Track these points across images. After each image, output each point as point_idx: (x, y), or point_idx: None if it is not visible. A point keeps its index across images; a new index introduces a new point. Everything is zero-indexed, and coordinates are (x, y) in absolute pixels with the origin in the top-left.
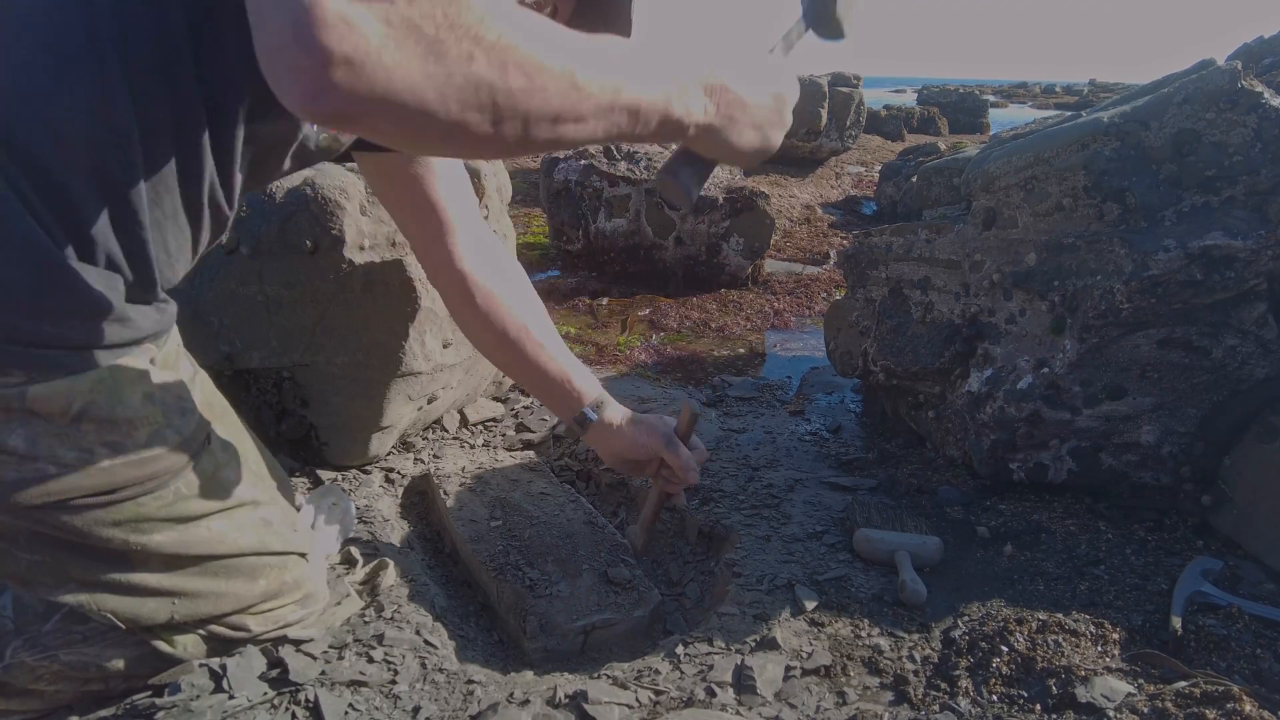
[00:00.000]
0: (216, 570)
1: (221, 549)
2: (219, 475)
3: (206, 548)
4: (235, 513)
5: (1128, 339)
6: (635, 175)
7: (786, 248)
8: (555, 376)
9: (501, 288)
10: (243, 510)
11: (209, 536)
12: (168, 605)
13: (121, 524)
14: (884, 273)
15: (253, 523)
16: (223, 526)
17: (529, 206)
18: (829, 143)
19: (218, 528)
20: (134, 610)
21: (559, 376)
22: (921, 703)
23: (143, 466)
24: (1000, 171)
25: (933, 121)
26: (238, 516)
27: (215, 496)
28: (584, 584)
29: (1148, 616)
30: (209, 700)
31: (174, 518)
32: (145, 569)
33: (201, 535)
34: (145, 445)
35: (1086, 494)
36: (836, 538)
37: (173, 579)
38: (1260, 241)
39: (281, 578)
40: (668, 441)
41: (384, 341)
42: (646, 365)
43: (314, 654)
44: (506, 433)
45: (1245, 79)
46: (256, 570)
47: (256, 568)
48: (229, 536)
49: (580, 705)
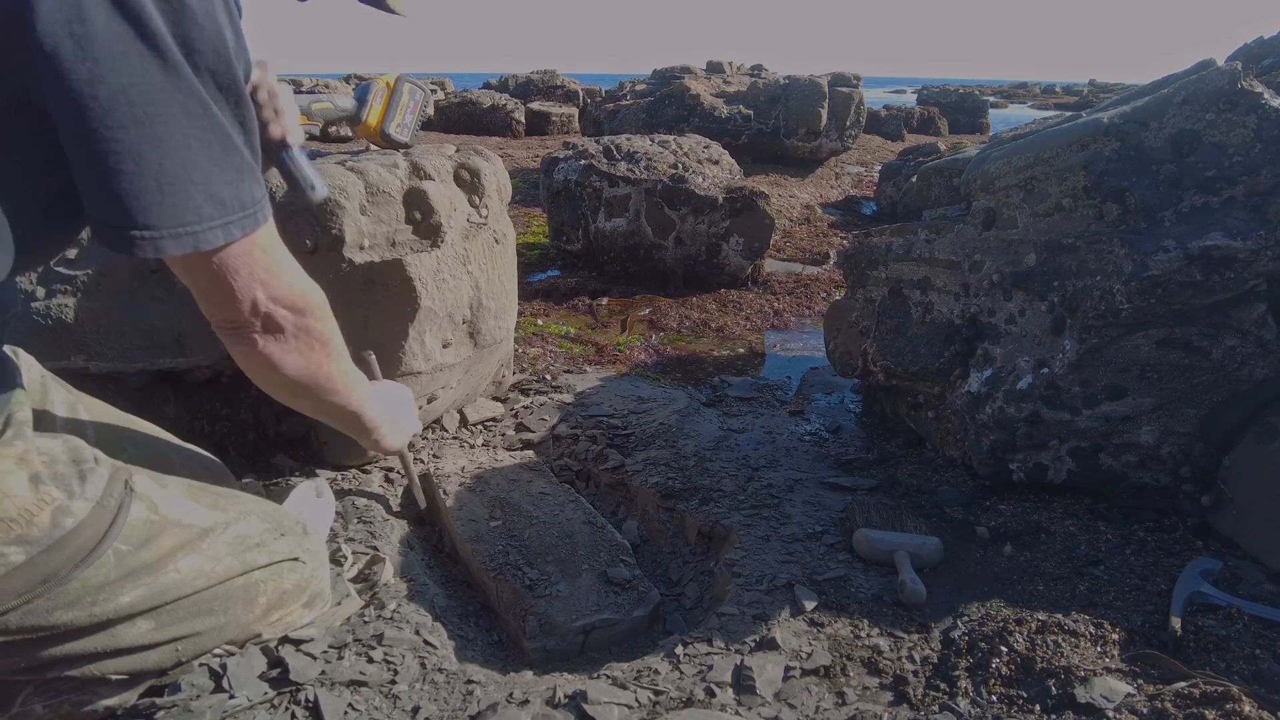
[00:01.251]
0: (209, 606)
1: (202, 584)
2: (160, 516)
3: (186, 589)
4: (202, 544)
5: (1127, 339)
6: (635, 175)
7: (786, 248)
8: None
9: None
10: (210, 538)
11: (181, 579)
12: (171, 652)
13: (76, 603)
14: (884, 273)
15: (228, 546)
16: (193, 563)
17: (529, 206)
18: (829, 143)
19: (187, 566)
20: (137, 666)
21: None
22: (921, 703)
23: (61, 549)
24: (1000, 172)
25: (932, 121)
26: (206, 546)
27: (165, 538)
28: (583, 584)
29: (1147, 617)
30: (209, 700)
31: (130, 574)
32: (131, 629)
33: (173, 580)
34: (53, 526)
35: (1086, 494)
36: (836, 538)
37: (165, 629)
38: (1260, 242)
39: (280, 588)
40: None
41: (384, 341)
42: (646, 365)
43: (314, 654)
44: (506, 432)
45: (1245, 79)
46: (251, 590)
47: (250, 588)
48: (205, 569)
49: (580, 705)
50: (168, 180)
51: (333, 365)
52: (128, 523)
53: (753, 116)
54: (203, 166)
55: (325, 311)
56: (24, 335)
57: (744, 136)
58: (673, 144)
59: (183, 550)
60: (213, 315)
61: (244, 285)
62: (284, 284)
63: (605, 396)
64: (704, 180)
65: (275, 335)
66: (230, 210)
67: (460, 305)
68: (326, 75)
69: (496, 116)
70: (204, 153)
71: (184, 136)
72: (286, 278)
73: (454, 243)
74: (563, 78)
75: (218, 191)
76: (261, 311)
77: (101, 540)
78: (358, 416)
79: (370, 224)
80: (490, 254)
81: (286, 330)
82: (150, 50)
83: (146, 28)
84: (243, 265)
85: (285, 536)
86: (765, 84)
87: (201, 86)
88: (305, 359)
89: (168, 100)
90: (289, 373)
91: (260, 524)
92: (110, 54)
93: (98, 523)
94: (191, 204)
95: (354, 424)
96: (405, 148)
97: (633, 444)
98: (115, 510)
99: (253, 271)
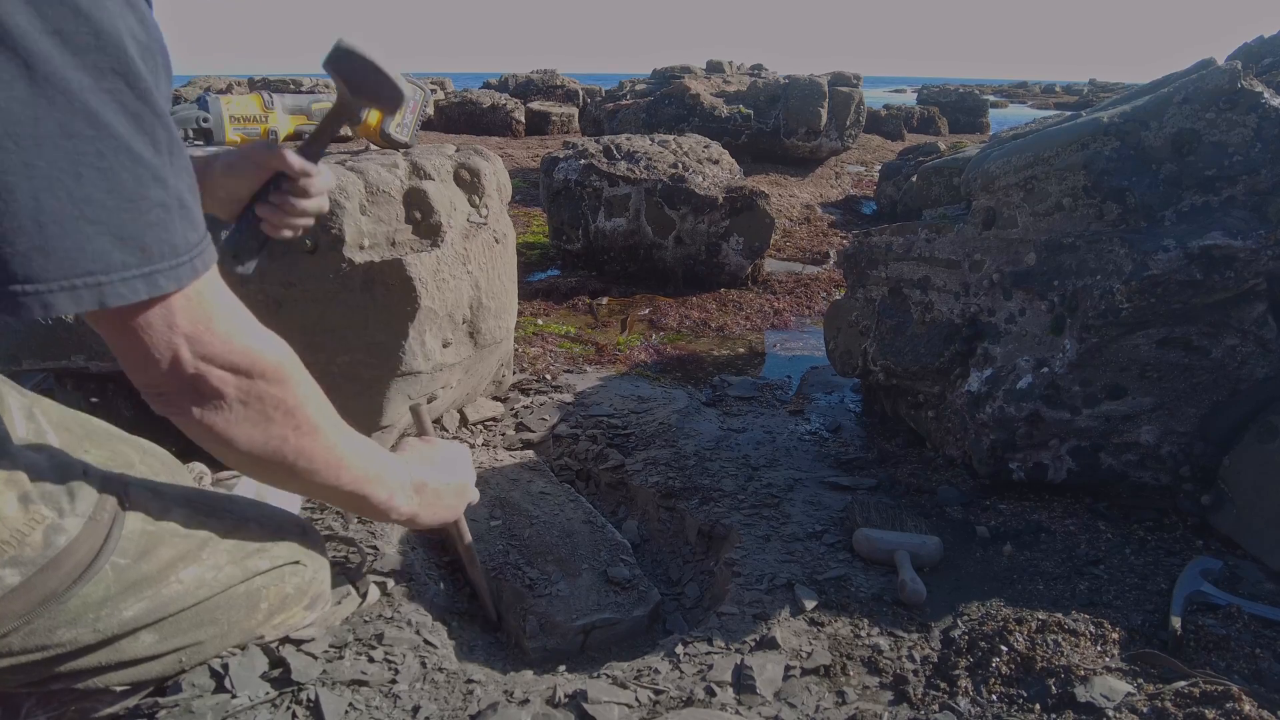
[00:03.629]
0: (211, 615)
1: (204, 593)
2: (157, 526)
3: (189, 600)
4: (201, 553)
5: (1127, 339)
6: (635, 175)
7: (786, 247)
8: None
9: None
10: (210, 546)
11: (183, 589)
12: (175, 662)
13: (78, 620)
14: (884, 272)
15: (228, 554)
16: (195, 573)
17: (529, 206)
18: (829, 142)
19: (189, 576)
20: (142, 676)
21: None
22: (921, 702)
23: (57, 566)
24: (1000, 171)
25: (932, 121)
26: (206, 555)
27: (164, 548)
28: (583, 583)
29: (1147, 616)
30: (211, 700)
31: (131, 588)
32: (135, 643)
33: (175, 591)
34: (46, 545)
35: (1086, 494)
36: (836, 537)
37: (169, 640)
38: (1260, 241)
39: (282, 592)
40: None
41: (384, 341)
42: (646, 365)
43: (315, 654)
44: (506, 432)
45: (1245, 79)
46: (253, 597)
47: (252, 594)
48: (206, 579)
49: (580, 704)
50: (50, 219)
51: (305, 440)
52: (123, 535)
53: (753, 116)
54: (102, 201)
55: (288, 373)
56: (24, 335)
57: (744, 136)
58: (673, 144)
59: (183, 560)
60: (134, 379)
61: (160, 341)
62: (220, 340)
63: (605, 396)
64: (704, 180)
65: (214, 403)
66: (155, 257)
67: (460, 305)
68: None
69: (496, 116)
70: (101, 184)
71: (69, 163)
72: (224, 331)
73: (454, 242)
74: (563, 77)
75: (133, 233)
76: (187, 374)
77: (97, 555)
78: (364, 499)
79: (370, 224)
80: (490, 254)
81: (228, 397)
82: (6, 53)
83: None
84: (158, 319)
85: (285, 540)
86: (765, 83)
87: (91, 99)
88: (262, 431)
89: (40, 117)
90: (243, 448)
91: (258, 529)
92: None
93: (92, 538)
94: (91, 248)
95: (363, 507)
96: (405, 147)
97: (633, 443)
98: (109, 524)
99: (173, 324)
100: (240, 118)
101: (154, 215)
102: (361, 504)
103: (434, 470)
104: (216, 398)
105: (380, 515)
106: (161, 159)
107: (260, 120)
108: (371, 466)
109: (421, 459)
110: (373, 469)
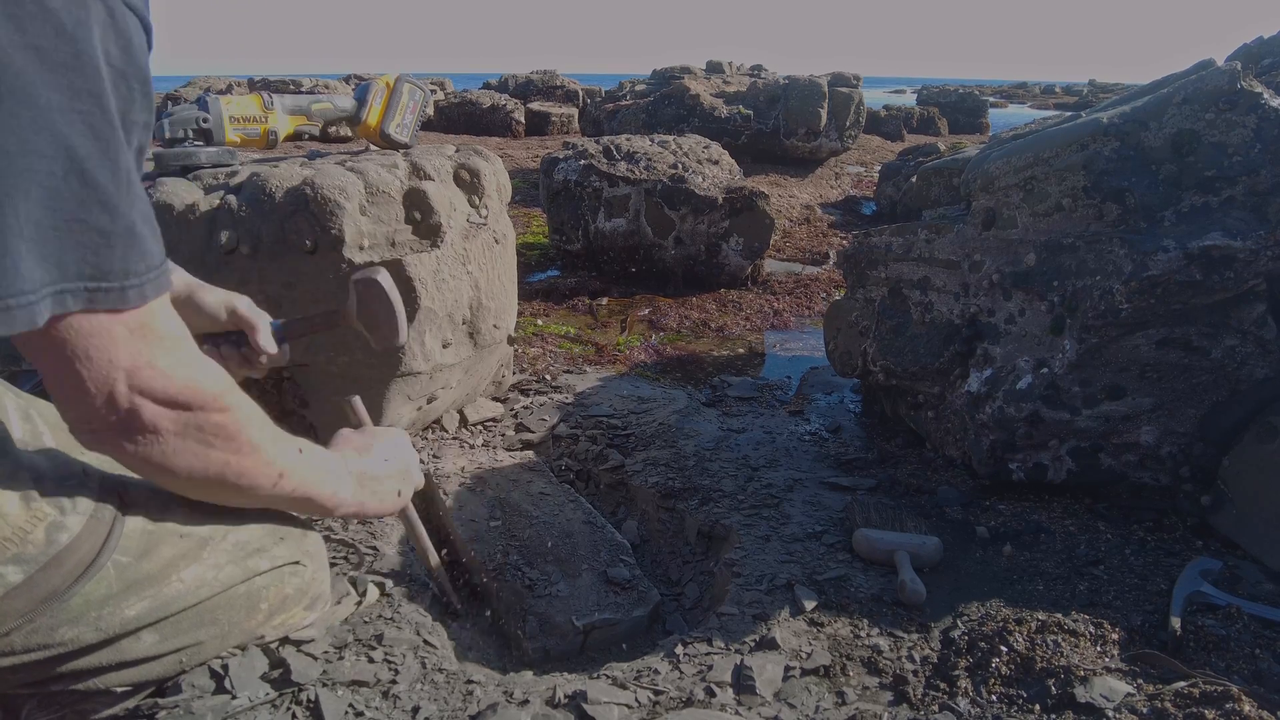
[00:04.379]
0: (212, 615)
1: (205, 593)
2: (158, 525)
3: (190, 599)
4: (202, 552)
5: (1127, 339)
6: (635, 175)
7: (786, 248)
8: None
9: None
10: (211, 546)
11: (185, 589)
12: (175, 662)
13: (80, 619)
14: (883, 273)
15: (228, 554)
16: (196, 572)
17: (529, 206)
18: (828, 143)
19: (191, 576)
20: (142, 677)
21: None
22: (921, 703)
23: (59, 564)
24: (1000, 172)
25: (932, 122)
26: (207, 554)
27: (166, 547)
28: (583, 584)
29: (1147, 617)
30: (211, 701)
31: (132, 586)
32: (137, 643)
33: (176, 590)
34: (48, 543)
35: (1086, 494)
36: (836, 538)
37: (169, 640)
38: (1259, 242)
39: (282, 593)
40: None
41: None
42: (646, 365)
43: (315, 654)
44: (506, 433)
45: (1244, 79)
46: (254, 597)
47: (253, 595)
48: (208, 578)
49: (579, 705)
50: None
51: (246, 460)
52: (124, 534)
53: (752, 116)
54: (39, 220)
55: (227, 402)
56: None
57: (744, 137)
58: (672, 144)
59: (184, 559)
60: (64, 413)
61: (98, 374)
62: (160, 375)
63: (605, 396)
64: (704, 180)
65: (149, 437)
66: (72, 277)
67: (460, 305)
68: (326, 75)
69: (496, 116)
70: (46, 203)
71: (23, 180)
72: (166, 365)
73: (454, 243)
74: (562, 78)
75: (57, 255)
76: (121, 408)
77: (99, 553)
78: (309, 500)
79: (370, 224)
80: (490, 254)
81: (163, 431)
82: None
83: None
84: (97, 350)
85: (285, 540)
86: (765, 84)
87: (58, 118)
88: (202, 459)
89: (2, 130)
90: (183, 476)
91: (259, 528)
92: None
93: (94, 536)
94: (21, 267)
95: (309, 508)
96: (405, 148)
97: (632, 444)
98: (110, 522)
99: (113, 357)
100: (240, 118)
101: (88, 239)
102: (308, 505)
103: (372, 460)
104: (151, 432)
105: (327, 512)
106: (119, 187)
107: (260, 120)
108: (311, 471)
109: (359, 449)
110: (312, 473)
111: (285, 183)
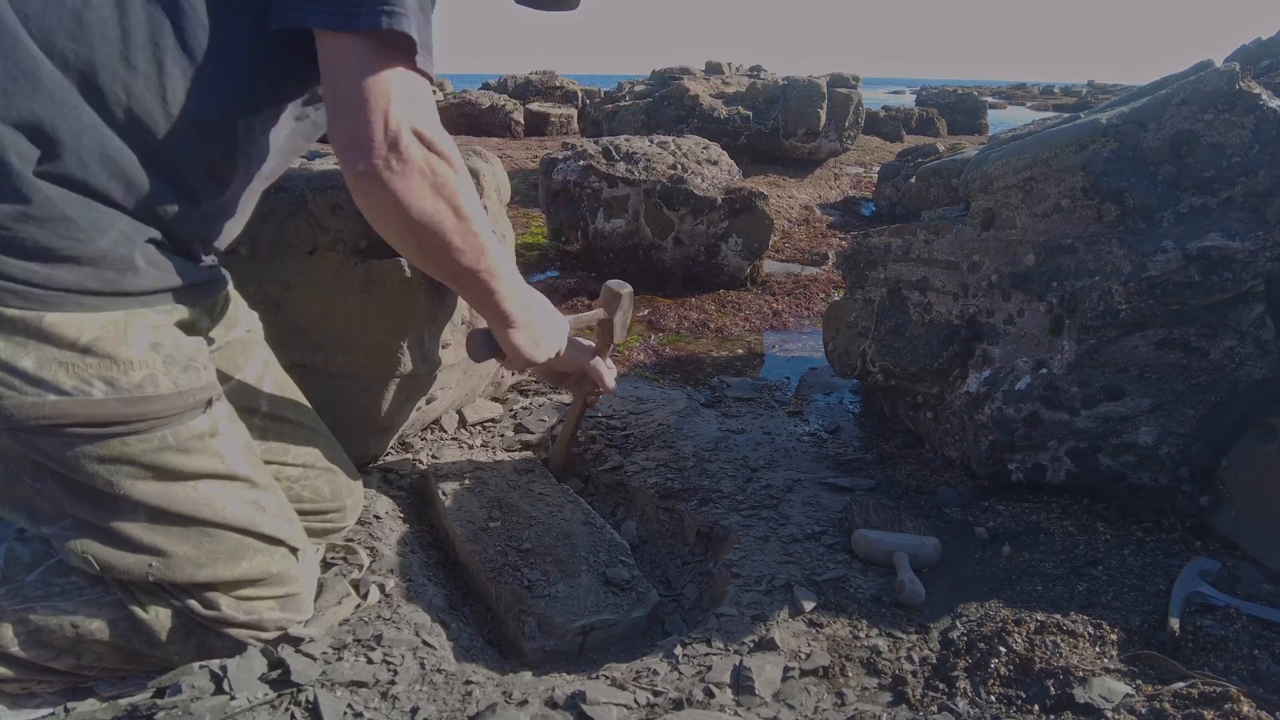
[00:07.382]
0: (200, 538)
1: (208, 514)
2: (213, 441)
3: (192, 508)
4: (228, 484)
5: (1126, 340)
6: (634, 176)
7: (785, 248)
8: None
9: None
10: (236, 484)
11: (196, 497)
12: (145, 563)
13: (106, 461)
14: (882, 273)
15: (245, 499)
16: (212, 491)
17: (528, 207)
18: (827, 143)
19: (206, 491)
20: (113, 560)
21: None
22: (920, 703)
23: (132, 405)
24: (999, 172)
25: (931, 122)
26: (230, 488)
27: (206, 458)
28: (582, 584)
29: (1146, 617)
30: (209, 701)
31: (157, 467)
32: (130, 519)
33: (188, 494)
34: (138, 386)
35: (1085, 495)
36: (835, 538)
37: (154, 535)
38: (1258, 243)
39: (266, 566)
40: (590, 353)
41: (383, 342)
42: (645, 366)
43: (314, 655)
44: (505, 433)
45: (1243, 80)
46: (240, 549)
47: (241, 547)
48: (217, 503)
49: (578, 705)
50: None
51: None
52: (188, 425)
53: (751, 117)
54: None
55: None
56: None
57: (743, 137)
58: (672, 145)
59: (210, 477)
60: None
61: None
62: (420, 113)
63: (604, 397)
64: (703, 181)
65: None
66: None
67: (460, 306)
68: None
69: (495, 117)
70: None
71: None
72: (425, 109)
73: None
74: (562, 78)
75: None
76: (391, 128)
77: (164, 423)
78: (490, 291)
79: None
80: None
81: (413, 162)
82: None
83: None
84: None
85: (293, 525)
86: (764, 84)
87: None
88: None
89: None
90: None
91: (277, 504)
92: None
93: (167, 406)
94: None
95: (483, 296)
96: None
97: (632, 444)
98: (186, 408)
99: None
100: None
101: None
102: (485, 295)
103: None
104: (405, 160)
105: (493, 307)
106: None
107: None
108: (504, 264)
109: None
110: (505, 267)
111: (284, 183)
